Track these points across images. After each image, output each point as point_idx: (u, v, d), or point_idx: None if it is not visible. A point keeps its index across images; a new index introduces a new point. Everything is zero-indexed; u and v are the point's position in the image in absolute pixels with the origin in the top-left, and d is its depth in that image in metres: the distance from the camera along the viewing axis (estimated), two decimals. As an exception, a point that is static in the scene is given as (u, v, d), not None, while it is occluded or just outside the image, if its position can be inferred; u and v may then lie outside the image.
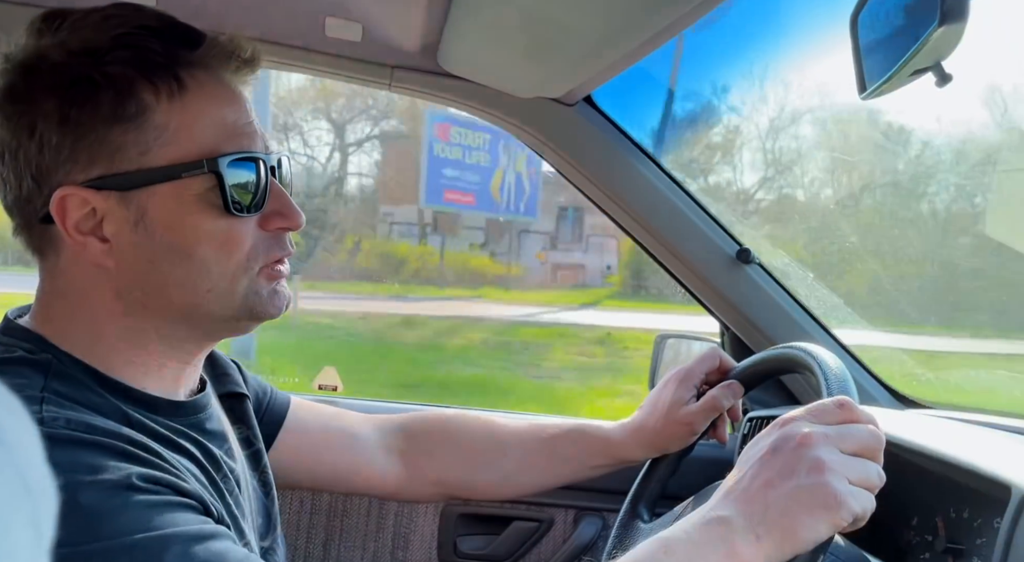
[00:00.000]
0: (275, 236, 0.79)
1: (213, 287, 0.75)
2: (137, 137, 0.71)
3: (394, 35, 1.29)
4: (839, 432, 0.73)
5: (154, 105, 0.72)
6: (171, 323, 0.77)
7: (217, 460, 0.78)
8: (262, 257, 0.78)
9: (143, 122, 0.71)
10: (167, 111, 0.72)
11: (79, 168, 0.71)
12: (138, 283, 0.74)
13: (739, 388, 1.09)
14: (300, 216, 0.80)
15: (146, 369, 0.76)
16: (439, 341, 10.36)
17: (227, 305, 0.77)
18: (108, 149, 0.71)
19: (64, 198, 0.71)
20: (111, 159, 0.71)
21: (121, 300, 0.75)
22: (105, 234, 0.72)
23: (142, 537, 0.60)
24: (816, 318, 1.54)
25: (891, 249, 2.63)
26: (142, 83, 0.71)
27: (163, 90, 0.72)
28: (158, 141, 0.72)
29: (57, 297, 0.76)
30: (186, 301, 0.75)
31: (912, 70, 0.73)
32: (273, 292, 0.80)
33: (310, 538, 1.56)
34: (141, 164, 0.72)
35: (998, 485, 0.84)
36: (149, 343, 0.77)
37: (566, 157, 1.46)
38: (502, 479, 1.15)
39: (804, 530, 0.68)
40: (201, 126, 0.74)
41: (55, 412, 0.64)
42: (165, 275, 0.74)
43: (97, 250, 0.73)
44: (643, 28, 1.03)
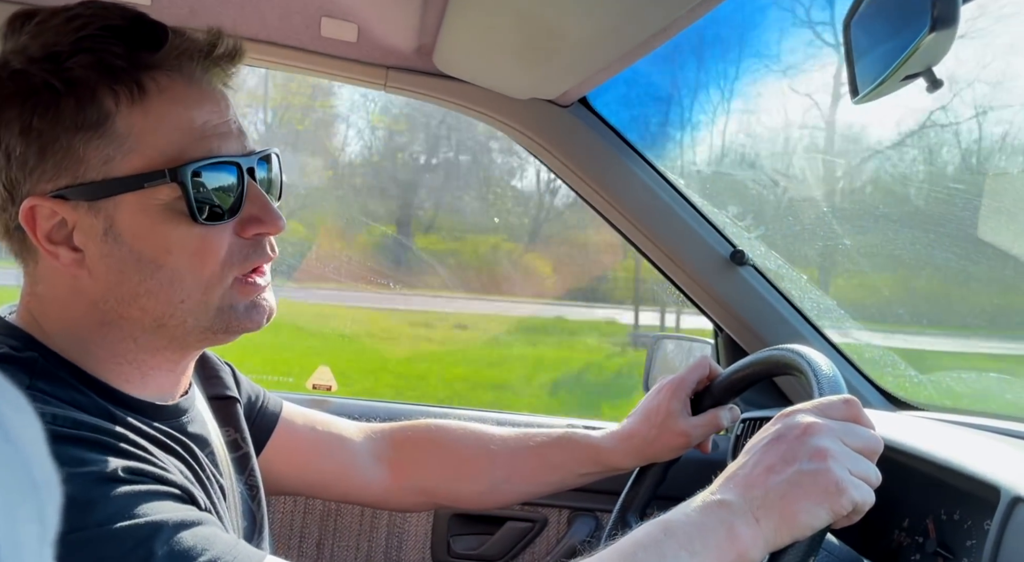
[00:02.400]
0: (253, 242, 0.77)
1: (186, 298, 0.73)
2: (100, 145, 0.69)
3: (390, 36, 1.29)
4: (844, 427, 0.74)
5: (115, 111, 0.69)
6: (148, 332, 0.75)
7: (200, 462, 0.78)
8: (238, 265, 0.75)
9: (105, 130, 0.69)
10: (128, 116, 0.70)
11: (46, 178, 0.69)
12: (112, 293, 0.73)
13: (738, 412, 1.11)
14: (279, 220, 0.77)
15: (128, 377, 0.76)
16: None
17: (201, 316, 0.75)
18: (73, 158, 0.69)
19: (32, 208, 0.70)
20: (76, 168, 0.69)
21: (97, 309, 0.74)
22: (76, 244, 0.71)
23: (128, 524, 0.60)
24: (809, 319, 1.54)
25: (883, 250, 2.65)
26: (103, 89, 0.69)
27: (123, 95, 0.70)
28: (121, 149, 0.70)
29: (39, 301, 0.75)
30: (159, 312, 0.74)
31: (904, 75, 0.74)
32: (251, 306, 0.77)
33: (303, 538, 1.56)
34: (106, 173, 0.70)
35: (988, 487, 0.85)
36: (128, 352, 0.75)
37: (561, 158, 1.46)
38: (490, 488, 1.15)
39: (803, 515, 0.69)
40: (165, 131, 0.71)
41: (41, 408, 0.64)
42: (136, 285, 0.72)
43: (68, 260, 0.71)
44: (638, 31, 1.03)
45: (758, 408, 1.52)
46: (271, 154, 0.80)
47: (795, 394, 1.55)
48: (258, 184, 0.77)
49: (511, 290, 7.79)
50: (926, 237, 2.35)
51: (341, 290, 6.39)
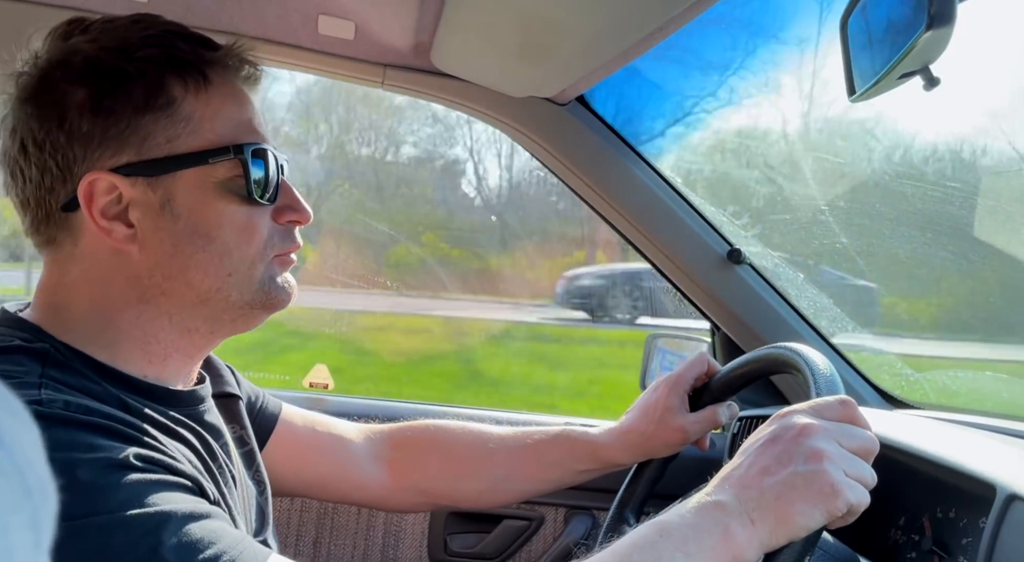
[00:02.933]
0: (286, 229, 0.84)
1: (233, 271, 0.79)
2: (166, 125, 0.75)
3: (387, 33, 1.29)
4: (840, 428, 0.74)
5: (182, 97, 0.76)
6: (186, 309, 0.79)
7: (214, 451, 0.79)
8: (277, 246, 0.82)
9: (172, 112, 0.75)
10: (193, 103, 0.76)
11: (108, 155, 0.74)
12: (159, 268, 0.76)
13: (737, 409, 1.12)
14: (309, 211, 0.85)
15: (151, 358, 0.78)
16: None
17: (245, 290, 0.80)
18: (138, 136, 0.74)
19: (92, 183, 0.73)
20: (140, 146, 0.74)
21: (138, 286, 0.77)
22: (130, 219, 0.75)
23: (138, 512, 0.61)
24: (806, 318, 1.55)
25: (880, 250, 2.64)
26: (171, 77, 0.76)
27: (190, 84, 0.77)
28: (185, 130, 0.76)
29: (68, 287, 0.77)
30: (206, 285, 0.78)
31: (901, 73, 0.74)
32: (286, 281, 0.84)
33: (300, 536, 1.56)
34: (169, 151, 0.75)
35: (983, 485, 0.85)
36: (159, 331, 0.78)
37: (558, 156, 1.46)
38: (489, 487, 1.16)
39: (799, 516, 0.69)
40: (223, 119, 0.78)
41: (53, 395, 0.65)
42: (188, 258, 0.77)
43: (121, 235, 0.75)
44: (635, 29, 1.03)
45: (755, 406, 1.52)
46: (286, 160, 0.87)
47: (792, 393, 1.56)
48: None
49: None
50: (923, 236, 2.36)
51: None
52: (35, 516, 0.25)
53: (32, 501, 0.25)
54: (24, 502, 0.25)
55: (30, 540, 0.25)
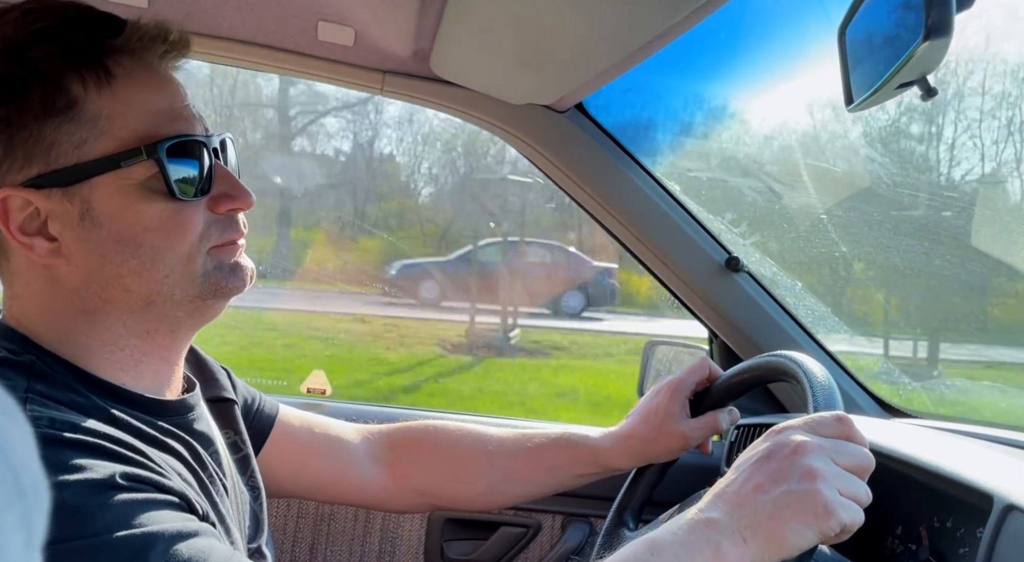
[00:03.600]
0: (227, 218, 0.79)
1: (170, 272, 0.74)
2: (71, 130, 0.70)
3: (387, 40, 1.29)
4: (835, 445, 0.73)
5: (83, 96, 0.70)
6: (135, 314, 0.75)
7: (203, 461, 0.78)
8: (214, 238, 0.77)
9: (75, 114, 0.70)
10: (97, 100, 0.71)
11: (16, 168, 0.70)
12: (93, 279, 0.73)
13: (738, 415, 1.11)
14: (249, 195, 0.79)
15: (123, 366, 0.76)
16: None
17: (188, 286, 0.76)
18: (43, 146, 0.69)
19: (4, 200, 0.70)
20: (47, 155, 0.70)
21: (77, 298, 0.74)
22: (51, 233, 0.72)
23: (126, 534, 0.60)
24: (804, 326, 1.54)
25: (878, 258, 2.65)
26: (69, 75, 0.70)
27: (91, 80, 0.71)
28: (93, 132, 0.70)
29: (17, 301, 0.75)
30: (144, 289, 0.74)
31: (898, 83, 0.74)
32: (235, 265, 0.79)
33: (296, 543, 1.56)
34: (79, 157, 0.70)
35: (981, 495, 0.85)
36: (118, 339, 0.75)
37: (557, 164, 1.46)
38: (488, 489, 1.15)
39: (791, 535, 0.69)
40: (134, 113, 0.72)
41: (39, 412, 0.63)
42: (118, 266, 0.73)
43: (44, 250, 0.72)
44: (634, 37, 1.03)
45: (752, 414, 1.52)
46: (226, 139, 0.82)
47: (789, 401, 1.55)
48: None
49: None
50: (920, 245, 2.36)
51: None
52: (27, 515, 0.25)
53: (24, 500, 0.25)
54: (16, 501, 0.25)
55: (21, 539, 0.25)
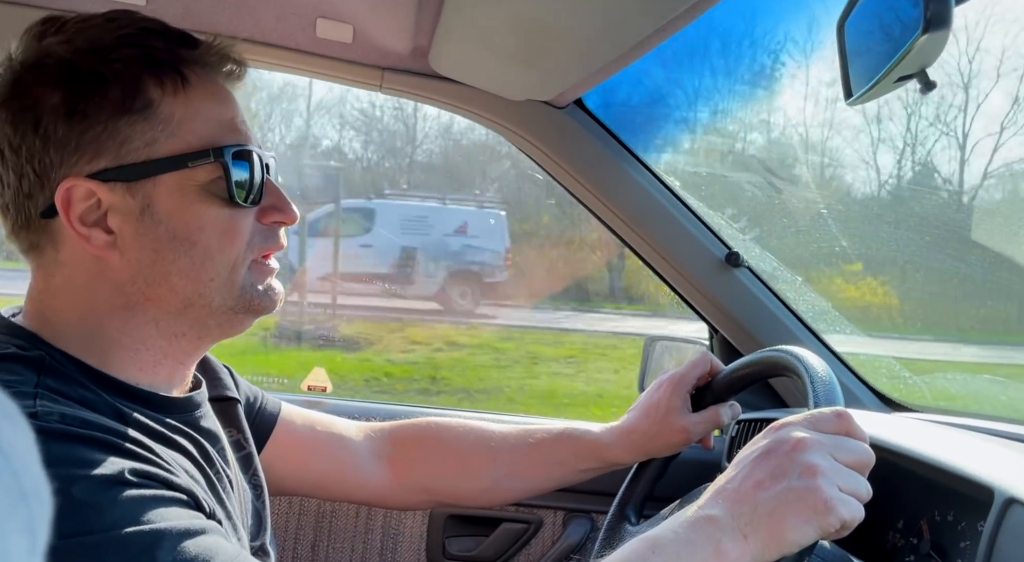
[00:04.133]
0: (270, 229, 0.82)
1: (215, 276, 0.77)
2: (144, 129, 0.73)
3: (385, 37, 1.29)
4: (834, 441, 0.73)
5: (159, 99, 0.74)
6: (171, 315, 0.77)
7: (211, 457, 0.78)
8: (257, 249, 0.80)
9: (150, 114, 0.73)
10: (171, 104, 0.74)
11: (85, 160, 0.72)
12: (141, 274, 0.75)
13: (739, 409, 1.12)
14: (295, 212, 0.83)
15: (141, 365, 0.77)
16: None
17: (227, 295, 0.78)
18: (115, 141, 0.72)
19: (70, 190, 0.72)
20: (118, 151, 0.72)
21: (122, 293, 0.75)
22: (110, 225, 0.74)
23: (133, 531, 0.60)
24: (804, 321, 1.54)
25: (880, 254, 2.65)
26: (148, 78, 0.74)
27: (168, 84, 0.74)
28: (164, 133, 0.74)
29: (53, 294, 0.76)
30: (189, 290, 0.77)
31: (897, 77, 0.74)
32: (268, 288, 0.82)
33: (298, 540, 1.56)
34: (148, 155, 0.73)
35: (982, 489, 0.85)
36: (147, 338, 0.77)
37: (556, 160, 1.46)
38: (491, 485, 1.15)
39: (791, 532, 0.69)
40: (203, 120, 0.76)
41: (49, 407, 0.64)
42: (169, 264, 0.75)
43: (101, 242, 0.73)
44: (633, 32, 1.03)
45: (752, 409, 1.52)
46: (272, 158, 0.85)
47: (790, 396, 1.56)
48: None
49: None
50: (921, 239, 2.36)
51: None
52: (30, 521, 0.25)
53: (28, 505, 0.25)
54: (20, 506, 0.25)
55: (25, 544, 0.25)
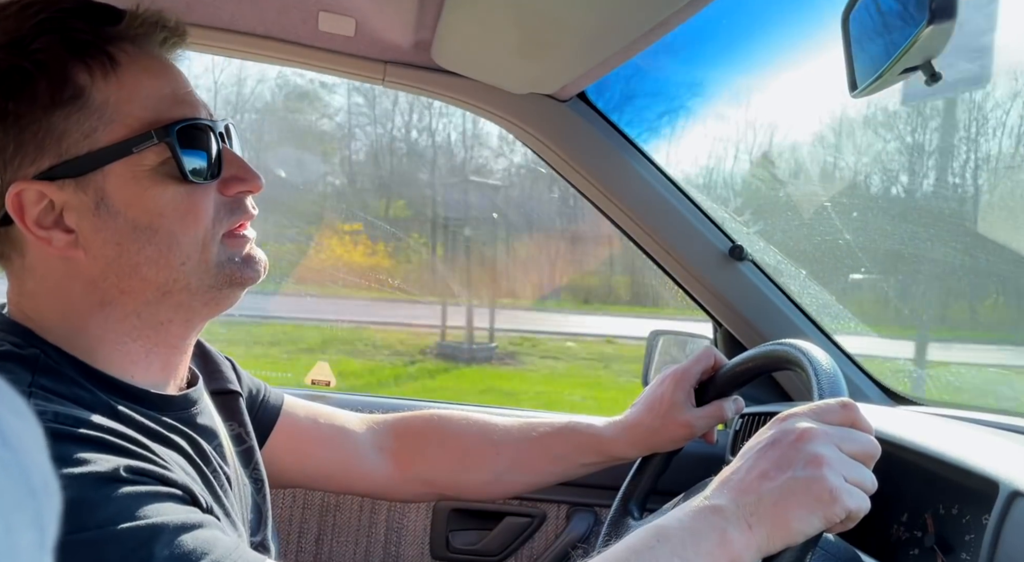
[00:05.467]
0: (235, 200, 0.79)
1: (186, 259, 0.75)
2: (80, 119, 0.70)
3: (388, 30, 1.28)
4: (840, 432, 0.73)
5: (90, 84, 0.70)
6: (151, 304, 0.76)
7: (207, 455, 0.78)
8: (225, 222, 0.78)
9: (83, 104, 0.70)
10: (104, 89, 0.71)
11: (28, 162, 0.70)
12: (111, 269, 0.73)
13: (743, 403, 1.12)
14: (258, 178, 0.80)
15: (133, 358, 0.76)
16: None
17: (204, 275, 0.76)
18: (53, 137, 0.69)
19: (19, 194, 0.70)
20: (58, 147, 0.70)
21: (96, 290, 0.74)
22: (68, 224, 0.71)
23: (129, 526, 0.60)
24: (809, 315, 1.54)
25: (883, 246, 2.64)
26: (74, 64, 0.70)
27: (96, 68, 0.71)
28: (102, 120, 0.70)
29: (29, 298, 0.74)
30: (162, 277, 0.74)
31: (902, 68, 0.73)
32: (248, 257, 0.80)
33: (302, 534, 1.56)
34: (90, 146, 0.70)
35: (986, 482, 0.84)
36: (132, 330, 0.76)
37: (559, 153, 1.46)
38: (493, 479, 1.15)
39: (796, 522, 0.68)
40: (141, 99, 0.72)
41: (43, 406, 0.64)
42: (135, 254, 0.73)
43: (62, 242, 0.71)
44: (637, 25, 1.03)
45: (757, 403, 1.52)
46: (230, 124, 0.82)
47: (795, 389, 1.55)
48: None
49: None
50: (926, 232, 2.35)
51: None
52: (39, 515, 0.25)
53: (36, 500, 0.25)
54: (28, 501, 0.25)
55: (34, 539, 0.25)
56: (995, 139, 4.61)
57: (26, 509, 0.25)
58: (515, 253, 9.77)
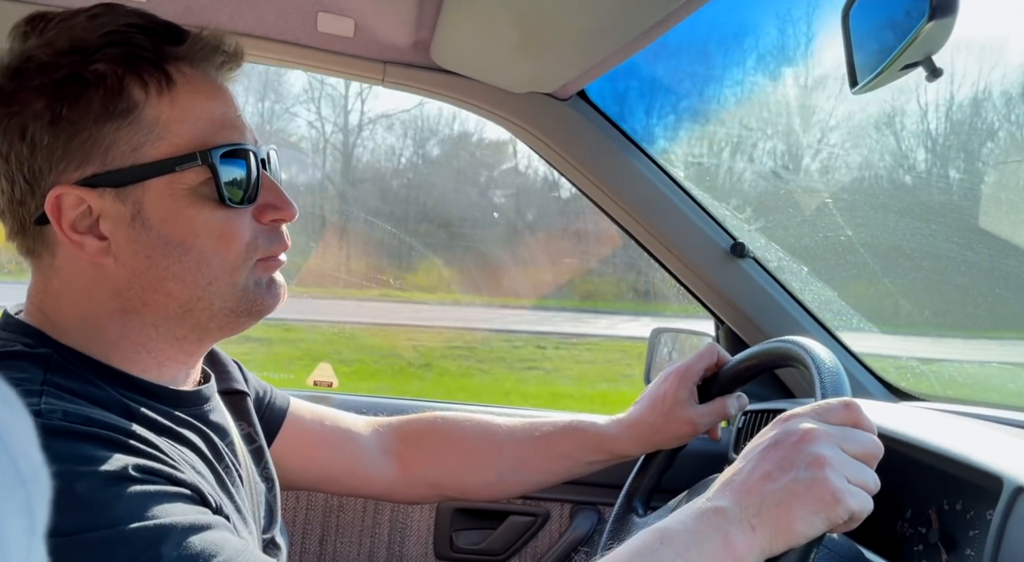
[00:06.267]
0: (272, 229, 0.80)
1: (214, 279, 0.76)
2: (129, 133, 0.71)
3: (387, 30, 1.28)
4: (843, 433, 0.73)
5: (144, 100, 0.72)
6: (170, 320, 0.76)
7: (219, 451, 0.79)
8: (262, 250, 0.78)
9: (134, 118, 0.71)
10: (157, 106, 0.72)
11: (73, 167, 0.71)
12: (137, 280, 0.74)
13: (746, 400, 1.12)
14: (294, 207, 0.81)
15: (144, 366, 0.77)
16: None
17: (228, 297, 0.77)
18: (101, 146, 0.71)
19: (59, 198, 0.71)
20: (104, 156, 0.71)
21: (119, 298, 0.75)
22: (102, 232, 0.73)
23: (138, 526, 0.60)
24: (811, 312, 1.54)
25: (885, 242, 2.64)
26: (131, 79, 0.71)
27: (152, 85, 0.72)
28: (150, 136, 0.72)
29: (52, 296, 0.75)
30: (186, 295, 0.75)
31: (903, 64, 0.73)
32: (271, 281, 0.80)
33: (306, 534, 1.56)
34: (135, 160, 0.72)
35: (990, 477, 0.84)
36: (148, 341, 0.76)
37: (560, 152, 1.46)
38: (498, 479, 1.16)
39: (799, 523, 0.68)
40: (191, 120, 0.74)
41: (53, 404, 0.64)
42: (164, 270, 0.74)
43: (94, 248, 0.73)
44: (636, 23, 1.03)
45: (759, 400, 1.52)
46: (271, 151, 0.83)
47: (797, 386, 1.55)
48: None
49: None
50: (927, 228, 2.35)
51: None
52: (28, 503, 0.26)
53: (25, 488, 0.26)
54: (17, 489, 0.25)
55: (23, 527, 0.25)
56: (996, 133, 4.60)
57: (14, 497, 0.25)
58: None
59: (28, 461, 0.26)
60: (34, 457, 0.27)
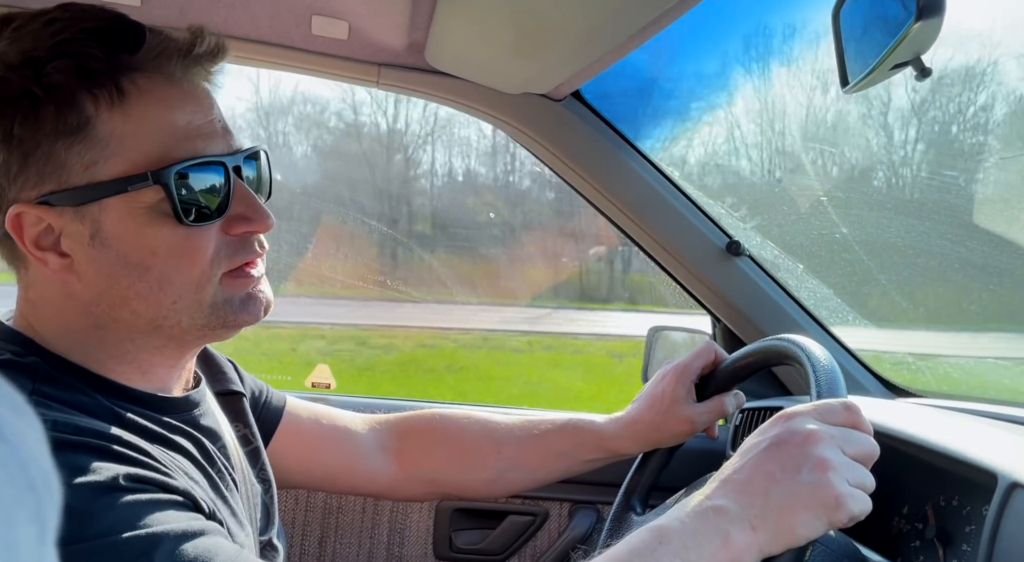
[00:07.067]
0: (241, 239, 0.76)
1: (178, 299, 0.73)
2: (82, 150, 0.69)
3: (381, 32, 1.28)
4: (843, 434, 0.73)
5: (95, 115, 0.69)
6: (144, 334, 0.75)
7: (211, 456, 0.78)
8: (226, 262, 0.75)
9: (87, 135, 0.69)
10: (109, 120, 0.69)
11: (31, 184, 0.69)
12: (103, 297, 0.73)
13: (743, 398, 1.12)
14: (267, 218, 0.77)
15: (129, 375, 0.76)
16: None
17: (196, 315, 0.75)
18: (55, 164, 0.69)
19: (18, 216, 0.70)
20: (60, 174, 0.69)
21: (90, 314, 0.74)
22: (63, 249, 0.71)
23: (130, 535, 0.60)
24: (807, 309, 1.54)
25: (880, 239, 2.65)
26: (82, 93, 0.68)
27: (103, 99, 0.69)
28: (103, 153, 0.69)
29: (33, 306, 0.75)
30: (151, 313, 0.74)
31: (893, 64, 0.74)
32: (247, 298, 0.77)
33: (305, 535, 1.57)
34: (89, 178, 0.69)
35: (985, 473, 0.85)
36: (126, 352, 0.76)
37: (555, 152, 1.46)
38: (496, 477, 1.16)
39: (801, 526, 0.69)
40: (148, 133, 0.70)
41: (43, 414, 0.64)
42: (126, 289, 0.72)
43: (57, 265, 0.71)
44: (630, 23, 1.03)
45: (756, 397, 1.52)
46: (259, 151, 0.80)
47: (793, 383, 1.56)
48: (245, 182, 0.77)
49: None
50: (921, 225, 2.36)
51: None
52: (39, 510, 0.26)
53: (36, 495, 0.26)
54: (28, 496, 0.25)
55: (34, 534, 0.25)
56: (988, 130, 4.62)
57: (25, 504, 0.25)
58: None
59: (39, 468, 0.26)
60: (44, 464, 0.27)
